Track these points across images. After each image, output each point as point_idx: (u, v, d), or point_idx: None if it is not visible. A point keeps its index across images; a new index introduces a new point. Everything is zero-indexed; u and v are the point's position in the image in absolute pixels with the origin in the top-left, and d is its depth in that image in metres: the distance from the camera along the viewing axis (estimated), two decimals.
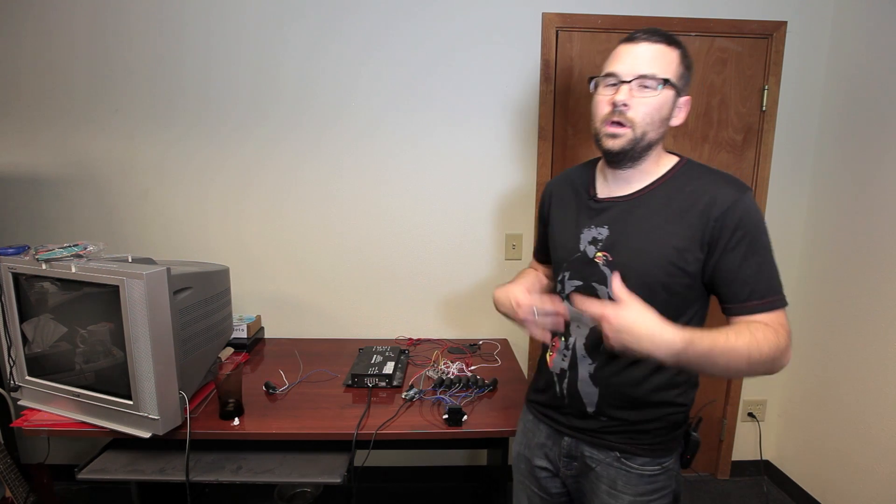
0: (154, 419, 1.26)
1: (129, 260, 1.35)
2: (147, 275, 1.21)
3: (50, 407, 1.41)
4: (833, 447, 1.99)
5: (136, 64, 1.93)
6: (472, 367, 1.76)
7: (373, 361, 1.70)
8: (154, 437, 1.28)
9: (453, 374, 1.67)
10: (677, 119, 0.95)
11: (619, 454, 1.01)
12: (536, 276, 1.27)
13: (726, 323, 0.92)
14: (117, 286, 1.22)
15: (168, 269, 1.27)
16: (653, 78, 0.88)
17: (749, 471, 2.34)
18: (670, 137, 2.04)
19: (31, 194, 2.01)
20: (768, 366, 0.85)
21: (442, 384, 1.57)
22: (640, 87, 0.89)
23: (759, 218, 0.89)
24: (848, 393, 1.92)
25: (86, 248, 1.36)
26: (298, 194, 2.04)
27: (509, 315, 1.06)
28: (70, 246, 1.34)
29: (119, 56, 1.92)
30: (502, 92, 1.98)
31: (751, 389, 2.26)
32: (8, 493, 1.63)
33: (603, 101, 0.93)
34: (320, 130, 1.99)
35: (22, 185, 2.00)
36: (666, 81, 0.89)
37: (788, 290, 0.88)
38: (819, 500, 2.07)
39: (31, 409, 1.43)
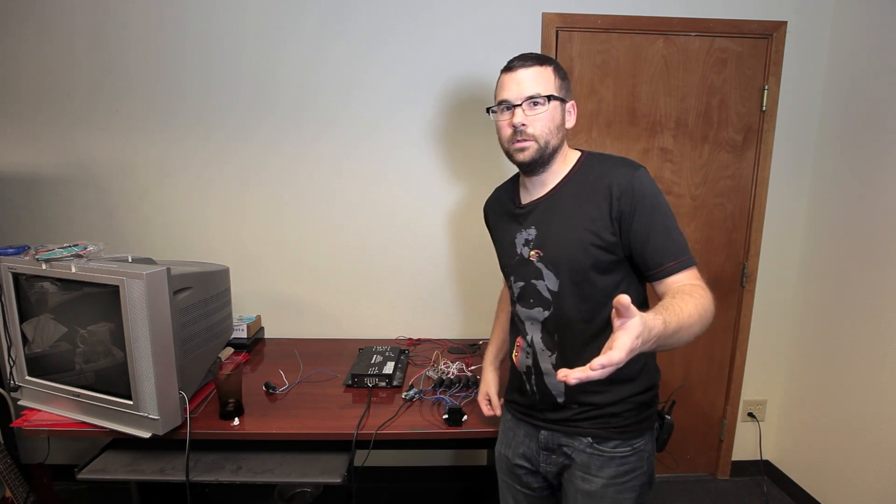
0: (154, 419, 1.27)
1: (129, 260, 1.35)
2: (147, 275, 1.21)
3: (50, 407, 1.41)
4: (833, 447, 1.99)
5: (136, 64, 1.93)
6: (472, 367, 1.75)
7: (373, 361, 1.70)
8: (154, 437, 1.28)
9: (453, 374, 1.67)
10: (570, 122, 1.08)
11: (591, 440, 1.07)
12: (503, 330, 1.37)
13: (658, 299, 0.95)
14: (117, 286, 1.22)
15: (168, 269, 1.27)
16: (538, 96, 1.01)
17: (749, 471, 2.34)
18: (671, 137, 2.05)
19: (31, 194, 2.01)
20: (709, 318, 0.91)
21: (442, 384, 1.57)
22: (531, 106, 1.02)
23: (654, 189, 1.00)
24: (848, 393, 1.92)
25: (86, 248, 1.36)
26: (299, 194, 2.04)
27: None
28: (70, 246, 1.34)
29: (119, 56, 1.92)
30: None
31: (751, 389, 2.26)
32: (8, 493, 1.63)
33: (504, 125, 1.05)
34: (321, 130, 2.00)
35: (22, 184, 2.00)
36: (550, 97, 1.02)
37: (789, 290, 0.89)
38: (819, 500, 2.07)
39: (31, 409, 1.43)
